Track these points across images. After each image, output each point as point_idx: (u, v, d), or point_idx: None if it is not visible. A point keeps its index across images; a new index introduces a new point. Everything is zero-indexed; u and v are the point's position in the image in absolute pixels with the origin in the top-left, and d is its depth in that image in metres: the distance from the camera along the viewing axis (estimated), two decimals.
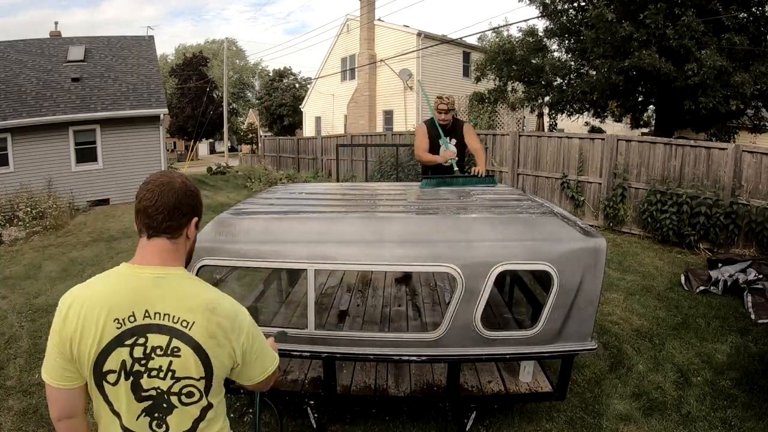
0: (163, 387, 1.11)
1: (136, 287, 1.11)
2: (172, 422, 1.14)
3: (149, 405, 1.12)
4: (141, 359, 1.09)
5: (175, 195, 1.15)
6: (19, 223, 9.11)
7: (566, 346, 2.26)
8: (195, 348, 1.10)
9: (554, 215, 2.42)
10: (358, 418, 2.78)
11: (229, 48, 33.95)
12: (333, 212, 2.71)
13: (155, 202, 1.14)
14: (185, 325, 1.10)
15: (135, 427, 1.13)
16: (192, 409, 1.15)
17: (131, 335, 1.09)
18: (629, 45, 8.92)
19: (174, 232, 1.16)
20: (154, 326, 1.09)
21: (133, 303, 1.10)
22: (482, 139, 9.81)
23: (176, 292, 1.13)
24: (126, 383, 1.10)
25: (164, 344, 1.09)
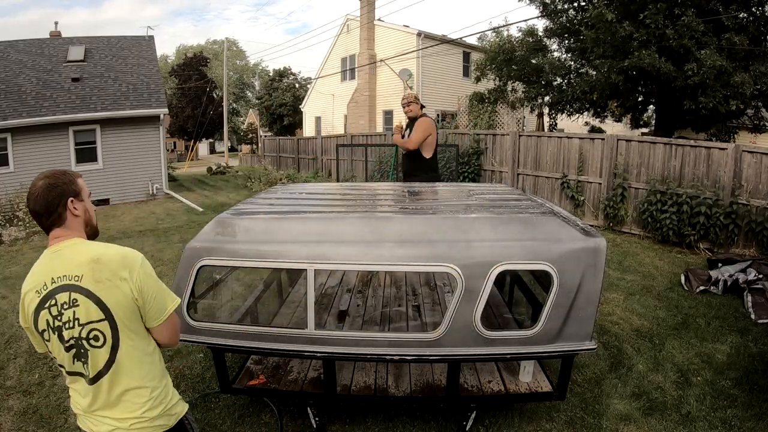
0: (75, 335, 1.37)
1: (44, 264, 1.41)
2: (93, 362, 1.38)
3: (74, 352, 1.38)
4: (57, 316, 1.36)
5: (37, 201, 1.40)
6: (19, 223, 9.11)
7: (566, 345, 2.26)
8: (88, 295, 1.35)
9: (554, 215, 2.42)
10: (358, 418, 2.78)
11: (230, 48, 33.99)
12: (333, 212, 2.71)
13: (32, 212, 1.42)
14: (77, 279, 1.36)
15: (75, 369, 1.40)
16: (101, 352, 1.38)
17: (46, 299, 1.37)
18: (629, 45, 8.92)
19: (58, 222, 1.43)
20: (58, 287, 1.36)
21: (43, 276, 1.38)
22: (482, 139, 9.82)
23: (68, 256, 1.39)
24: (54, 337, 1.38)
25: (67, 299, 1.35)
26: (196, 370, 3.33)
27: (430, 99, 18.58)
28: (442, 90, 18.85)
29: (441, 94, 18.78)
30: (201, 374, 3.29)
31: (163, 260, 6.38)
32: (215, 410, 2.88)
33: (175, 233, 8.22)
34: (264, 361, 2.91)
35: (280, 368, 2.85)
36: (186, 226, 8.89)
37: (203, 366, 3.38)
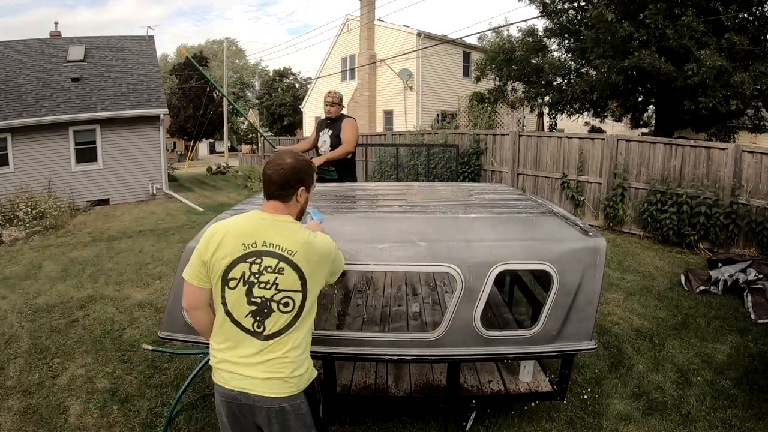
0: (267, 296, 1.54)
1: (260, 225, 1.58)
2: (268, 324, 1.54)
3: (255, 309, 1.54)
4: (255, 273, 1.53)
5: (280, 175, 1.60)
6: (19, 223, 9.11)
7: (566, 345, 2.26)
8: (296, 269, 1.55)
9: (554, 215, 2.42)
10: (358, 418, 2.78)
11: (229, 48, 33.96)
12: (332, 211, 2.71)
13: (269, 177, 1.61)
14: (290, 253, 1.54)
15: (244, 323, 1.55)
16: (285, 316, 1.55)
17: (251, 255, 1.54)
18: (629, 45, 8.92)
19: (284, 198, 1.62)
20: (267, 252, 1.54)
21: (255, 234, 1.55)
22: (482, 139, 9.81)
23: (285, 231, 1.58)
24: (242, 288, 1.54)
25: (273, 265, 1.54)
26: None
27: (430, 99, 18.59)
28: (442, 90, 18.85)
29: (441, 94, 18.78)
30: (201, 374, 3.28)
31: (163, 260, 6.38)
32: (215, 410, 2.88)
33: (175, 233, 8.22)
34: None
35: None
36: (186, 226, 8.89)
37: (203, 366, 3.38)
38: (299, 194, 1.64)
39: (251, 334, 1.55)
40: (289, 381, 1.56)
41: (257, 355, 1.54)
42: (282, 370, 1.55)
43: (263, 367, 1.54)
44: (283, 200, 1.62)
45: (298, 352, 1.59)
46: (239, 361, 1.56)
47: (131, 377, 3.27)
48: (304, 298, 1.57)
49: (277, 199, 1.61)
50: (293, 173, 1.61)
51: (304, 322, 1.61)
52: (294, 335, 1.58)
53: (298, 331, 1.59)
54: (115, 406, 2.93)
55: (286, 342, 1.56)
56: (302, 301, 1.57)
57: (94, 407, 2.94)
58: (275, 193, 1.61)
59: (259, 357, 1.55)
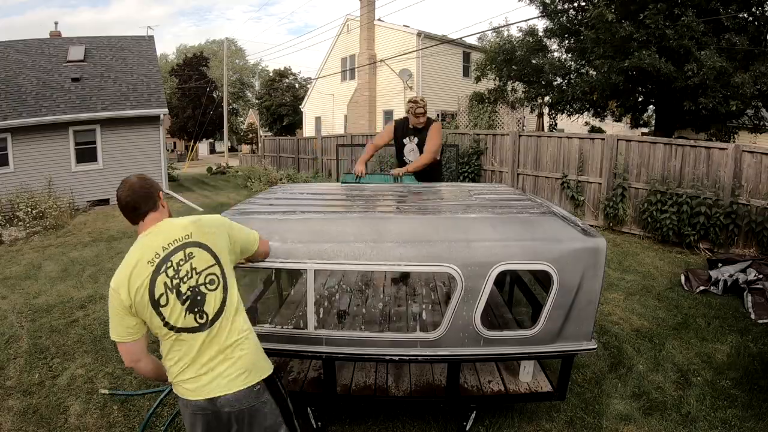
0: (193, 284, 1.60)
1: (147, 242, 1.63)
2: (208, 308, 1.60)
3: (189, 303, 1.58)
4: (174, 275, 1.58)
5: (135, 191, 1.65)
6: (19, 223, 9.11)
7: (566, 345, 2.26)
8: (200, 245, 1.64)
9: (554, 215, 2.42)
10: (358, 418, 2.78)
11: (229, 48, 33.95)
12: (333, 212, 2.71)
13: (130, 201, 1.65)
14: (187, 237, 1.64)
15: (184, 324, 1.58)
16: (217, 293, 1.63)
17: (161, 264, 1.58)
18: (629, 45, 8.92)
19: (154, 207, 1.69)
20: (172, 250, 1.60)
21: (151, 249, 1.60)
22: (482, 139, 9.81)
23: (168, 228, 1.66)
24: (173, 296, 1.57)
25: (183, 256, 1.61)
26: None
27: (430, 99, 18.54)
28: (442, 90, 18.85)
29: (441, 94, 18.78)
30: None
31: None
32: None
33: None
34: None
35: (280, 368, 2.85)
36: None
37: None
38: (162, 197, 1.74)
39: (198, 330, 1.59)
40: (249, 372, 1.64)
41: (213, 355, 1.60)
42: (238, 362, 1.62)
43: (222, 365, 1.60)
44: (154, 209, 1.70)
45: (247, 342, 1.67)
46: (200, 372, 1.60)
47: (131, 377, 3.27)
48: (222, 270, 1.67)
49: (150, 212, 1.69)
50: (145, 182, 1.70)
51: (235, 304, 1.68)
52: (235, 309, 1.67)
53: (235, 305, 1.68)
54: (115, 406, 2.94)
55: (232, 319, 1.65)
56: (222, 273, 1.66)
57: (94, 407, 2.94)
58: (144, 209, 1.67)
59: (214, 355, 1.60)
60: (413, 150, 4.18)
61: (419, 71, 18.17)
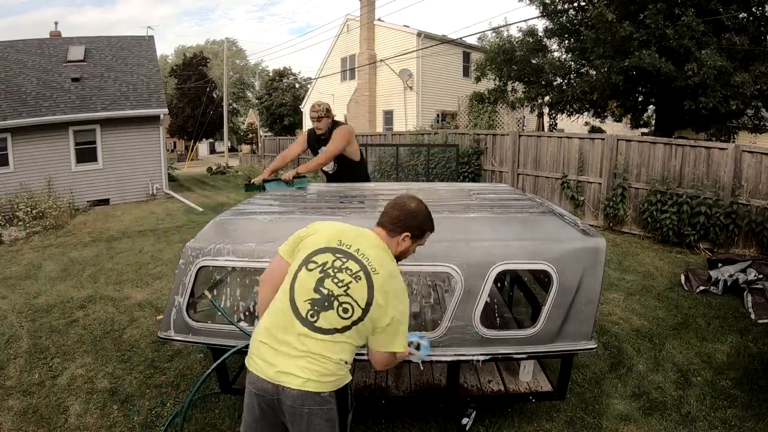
0: (335, 291, 1.58)
1: (365, 237, 1.72)
2: (323, 316, 1.57)
3: (317, 298, 1.58)
4: (336, 268, 1.62)
5: (418, 216, 1.77)
6: (19, 223, 9.11)
7: (566, 345, 2.26)
8: (369, 286, 1.60)
9: (554, 215, 2.42)
10: (358, 418, 2.78)
11: (229, 48, 33.95)
12: (333, 212, 2.71)
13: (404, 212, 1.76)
14: (373, 270, 1.62)
15: (299, 306, 1.59)
16: (341, 321, 1.57)
17: (341, 253, 1.65)
18: (629, 45, 8.91)
19: (391, 231, 1.75)
20: (356, 257, 1.64)
21: (353, 239, 1.69)
22: (482, 139, 9.82)
23: (380, 252, 1.69)
24: (318, 274, 1.61)
25: (354, 269, 1.62)
26: (196, 371, 3.33)
27: (430, 99, 18.59)
28: (442, 90, 18.85)
29: (441, 94, 18.78)
30: (201, 374, 3.29)
31: (163, 260, 6.38)
32: (215, 410, 2.88)
33: (175, 233, 8.21)
34: None
35: None
36: (186, 226, 8.89)
37: (203, 366, 3.38)
38: (402, 237, 1.75)
39: (301, 320, 1.56)
40: (321, 381, 1.55)
41: (297, 345, 1.55)
42: (317, 369, 1.54)
43: (301, 362, 1.54)
44: (389, 232, 1.75)
45: (335, 359, 1.57)
46: (279, 349, 1.56)
47: (131, 377, 3.27)
48: (362, 316, 1.59)
49: (385, 228, 1.75)
50: (408, 217, 1.76)
51: (352, 339, 1.60)
52: (338, 344, 1.57)
53: (343, 343, 1.58)
54: (115, 406, 2.93)
55: (327, 346, 1.56)
56: (360, 318, 1.59)
57: (94, 407, 2.94)
58: (386, 223, 1.75)
59: (299, 347, 1.55)
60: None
61: (419, 71, 18.18)
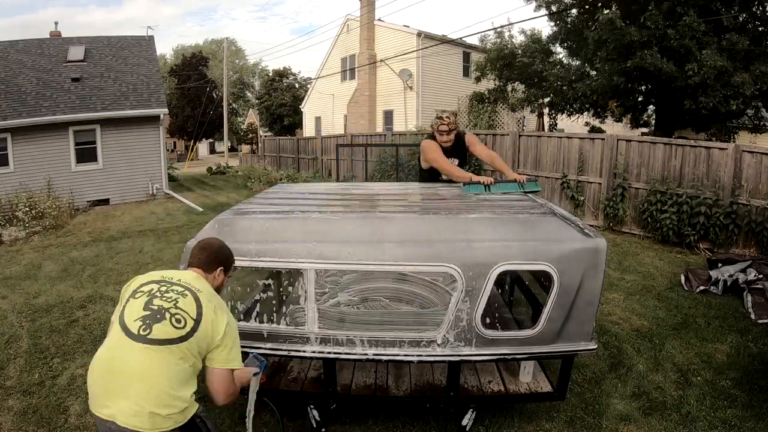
0: (165, 306, 1.65)
1: (182, 274, 1.84)
2: (156, 327, 1.59)
3: (148, 314, 1.62)
4: (162, 291, 1.71)
5: (212, 251, 1.95)
6: (19, 223, 9.11)
7: (566, 346, 2.26)
8: (197, 301, 1.72)
9: (554, 216, 2.42)
10: (358, 418, 2.78)
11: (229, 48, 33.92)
12: (333, 212, 2.71)
13: (201, 249, 1.96)
14: (197, 290, 1.76)
15: (130, 326, 1.60)
16: (175, 331, 1.61)
17: (165, 283, 1.75)
18: (632, 46, 8.90)
19: (206, 269, 1.91)
20: (179, 285, 1.76)
21: (176, 275, 1.81)
22: (482, 139, 9.81)
23: (200, 282, 1.83)
24: (145, 299, 1.67)
25: (179, 289, 1.73)
26: None
27: (430, 99, 18.58)
28: (442, 90, 18.84)
29: (441, 94, 18.77)
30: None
31: (163, 260, 6.38)
32: (215, 410, 2.87)
33: (175, 233, 8.21)
34: None
35: (280, 368, 2.85)
36: (186, 226, 8.89)
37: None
38: (217, 273, 1.92)
39: (133, 338, 1.57)
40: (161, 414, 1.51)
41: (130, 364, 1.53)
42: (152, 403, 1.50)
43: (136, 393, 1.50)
44: (204, 270, 1.89)
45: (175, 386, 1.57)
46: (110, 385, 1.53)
47: None
48: (194, 329, 1.65)
49: (200, 268, 1.89)
50: (221, 252, 1.96)
51: (187, 357, 1.62)
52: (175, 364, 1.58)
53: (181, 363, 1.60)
54: None
55: (165, 362, 1.56)
56: (192, 330, 1.64)
57: None
58: (201, 264, 1.90)
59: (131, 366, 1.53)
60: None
61: (419, 71, 18.17)
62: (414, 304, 3.30)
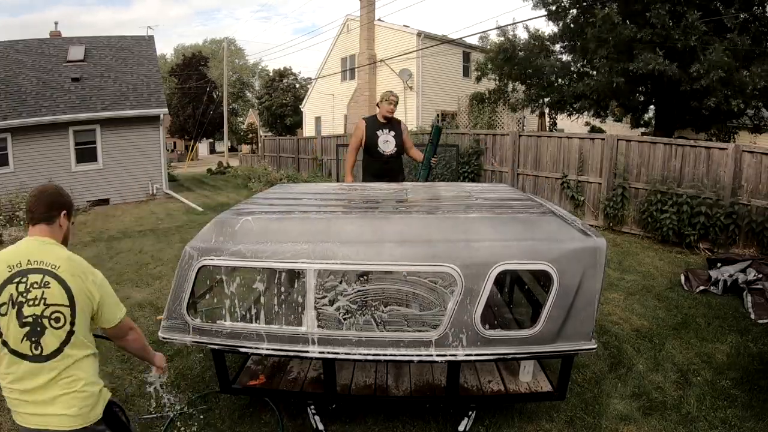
0: (37, 312, 1.54)
1: (25, 248, 1.64)
2: (45, 342, 1.54)
3: (28, 330, 1.53)
4: (23, 292, 1.54)
5: (44, 197, 1.69)
6: (19, 223, 9.11)
7: (566, 345, 2.26)
8: (61, 282, 1.58)
9: (554, 215, 2.42)
10: (358, 418, 2.78)
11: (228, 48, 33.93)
12: (333, 212, 2.71)
13: (32, 203, 1.69)
14: (54, 267, 1.59)
15: (20, 349, 1.53)
16: (59, 332, 1.56)
17: (17, 276, 1.56)
18: (633, 46, 8.89)
19: (48, 221, 1.69)
20: (33, 269, 1.57)
21: (20, 255, 1.60)
22: (482, 139, 9.81)
23: (49, 249, 1.64)
24: (13, 311, 1.53)
25: (39, 280, 1.56)
26: (196, 370, 3.33)
27: (430, 99, 18.58)
28: (442, 90, 18.84)
29: (441, 94, 18.77)
30: (201, 374, 3.29)
31: (163, 260, 6.38)
32: (215, 410, 2.88)
33: (175, 233, 8.21)
34: (264, 360, 2.91)
35: (280, 368, 2.85)
36: (186, 226, 8.89)
37: (203, 366, 3.38)
38: (62, 219, 1.73)
39: (31, 359, 1.53)
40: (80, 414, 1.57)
41: (43, 385, 1.54)
42: (72, 402, 1.55)
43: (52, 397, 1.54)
44: (47, 223, 1.69)
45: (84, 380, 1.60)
46: (28, 399, 1.54)
47: (131, 377, 3.27)
48: (73, 314, 1.59)
49: (42, 223, 1.68)
50: (58, 195, 1.74)
51: (83, 345, 1.62)
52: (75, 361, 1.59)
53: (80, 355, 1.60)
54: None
55: (70, 367, 1.57)
56: (72, 317, 1.58)
57: None
58: (39, 216, 1.68)
59: (45, 385, 1.54)
60: (388, 141, 4.58)
61: (419, 71, 18.17)
62: (413, 304, 3.30)
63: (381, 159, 4.52)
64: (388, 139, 4.49)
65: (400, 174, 4.67)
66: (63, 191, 1.77)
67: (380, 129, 4.51)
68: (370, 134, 4.52)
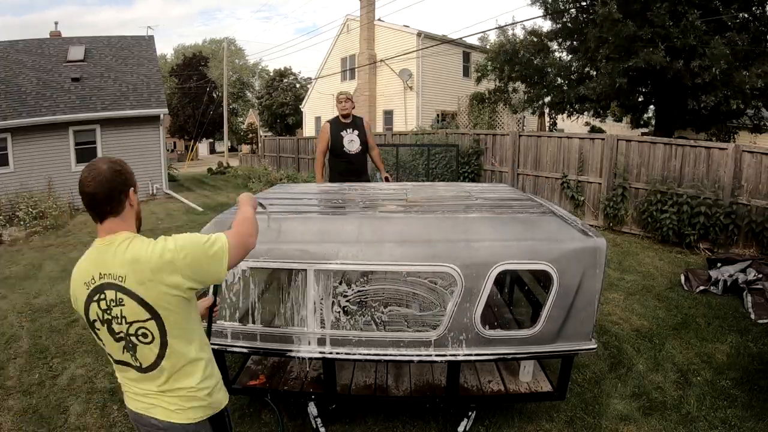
0: (124, 330, 1.39)
1: (94, 256, 1.41)
2: (141, 356, 1.41)
3: (124, 344, 1.41)
4: (106, 310, 1.38)
5: (101, 184, 1.35)
6: (19, 222, 9.11)
7: (566, 345, 2.26)
8: (132, 296, 1.35)
9: (554, 215, 2.42)
10: (358, 418, 2.78)
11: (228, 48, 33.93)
12: (333, 212, 2.71)
13: (90, 195, 1.36)
14: (120, 279, 1.35)
15: (124, 359, 1.44)
16: (151, 346, 1.39)
17: (95, 293, 1.37)
18: (634, 44, 8.88)
19: (116, 210, 1.40)
20: (106, 284, 1.36)
21: (92, 269, 1.39)
22: (482, 139, 9.81)
23: (112, 254, 1.38)
24: (104, 328, 1.40)
25: (114, 297, 1.36)
26: None
27: (430, 99, 18.59)
28: (442, 90, 18.85)
29: (441, 94, 18.77)
30: None
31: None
32: None
33: (174, 233, 8.19)
34: (264, 360, 2.91)
35: (281, 368, 2.85)
36: (186, 226, 8.90)
37: None
38: (130, 197, 1.43)
39: (136, 369, 1.44)
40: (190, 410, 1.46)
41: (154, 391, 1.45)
42: (181, 403, 1.44)
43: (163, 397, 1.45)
44: (115, 214, 1.40)
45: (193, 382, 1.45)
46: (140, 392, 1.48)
47: None
48: (160, 325, 1.38)
49: (109, 216, 1.39)
50: (114, 176, 1.38)
51: (181, 355, 1.43)
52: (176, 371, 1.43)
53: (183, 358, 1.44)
54: (115, 406, 2.93)
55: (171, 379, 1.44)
56: (160, 328, 1.38)
57: (94, 407, 2.94)
58: (104, 209, 1.38)
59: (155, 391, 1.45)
60: (353, 141, 4.68)
61: (419, 71, 18.17)
62: (413, 304, 3.30)
63: (347, 158, 4.67)
64: (352, 139, 4.65)
65: (364, 173, 4.84)
66: (116, 165, 1.41)
67: (344, 129, 4.65)
68: (334, 135, 4.65)
